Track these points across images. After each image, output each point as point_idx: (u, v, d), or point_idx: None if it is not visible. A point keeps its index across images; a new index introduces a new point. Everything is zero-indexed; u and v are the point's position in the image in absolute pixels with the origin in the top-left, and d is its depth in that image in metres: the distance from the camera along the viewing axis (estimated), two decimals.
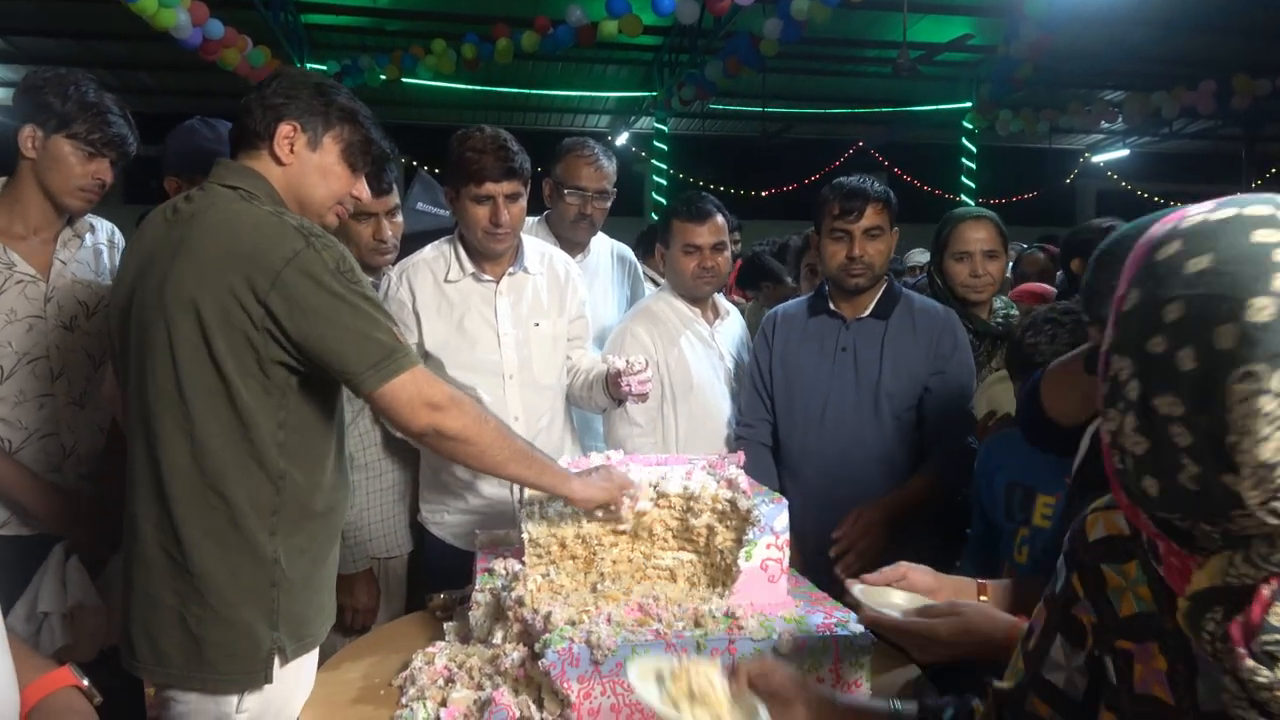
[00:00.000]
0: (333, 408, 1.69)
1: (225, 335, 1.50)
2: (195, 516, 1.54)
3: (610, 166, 2.84)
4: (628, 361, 2.21)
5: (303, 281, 1.49)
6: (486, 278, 2.36)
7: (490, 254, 2.33)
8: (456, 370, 2.30)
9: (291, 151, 1.64)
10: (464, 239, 2.37)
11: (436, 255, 2.38)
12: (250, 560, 1.56)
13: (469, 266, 2.35)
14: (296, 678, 1.66)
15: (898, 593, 1.52)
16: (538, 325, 2.39)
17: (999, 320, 2.75)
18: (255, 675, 1.57)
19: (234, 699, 1.57)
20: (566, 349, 2.46)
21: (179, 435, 1.54)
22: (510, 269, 2.38)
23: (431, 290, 2.34)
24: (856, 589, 1.50)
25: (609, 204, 2.86)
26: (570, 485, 1.71)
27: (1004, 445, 2.03)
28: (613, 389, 2.26)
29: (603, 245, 3.02)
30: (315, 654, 1.71)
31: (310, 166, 1.66)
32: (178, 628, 1.55)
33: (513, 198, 2.26)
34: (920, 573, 1.54)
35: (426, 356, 2.33)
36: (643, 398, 2.25)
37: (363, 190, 1.75)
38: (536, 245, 2.49)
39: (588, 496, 1.71)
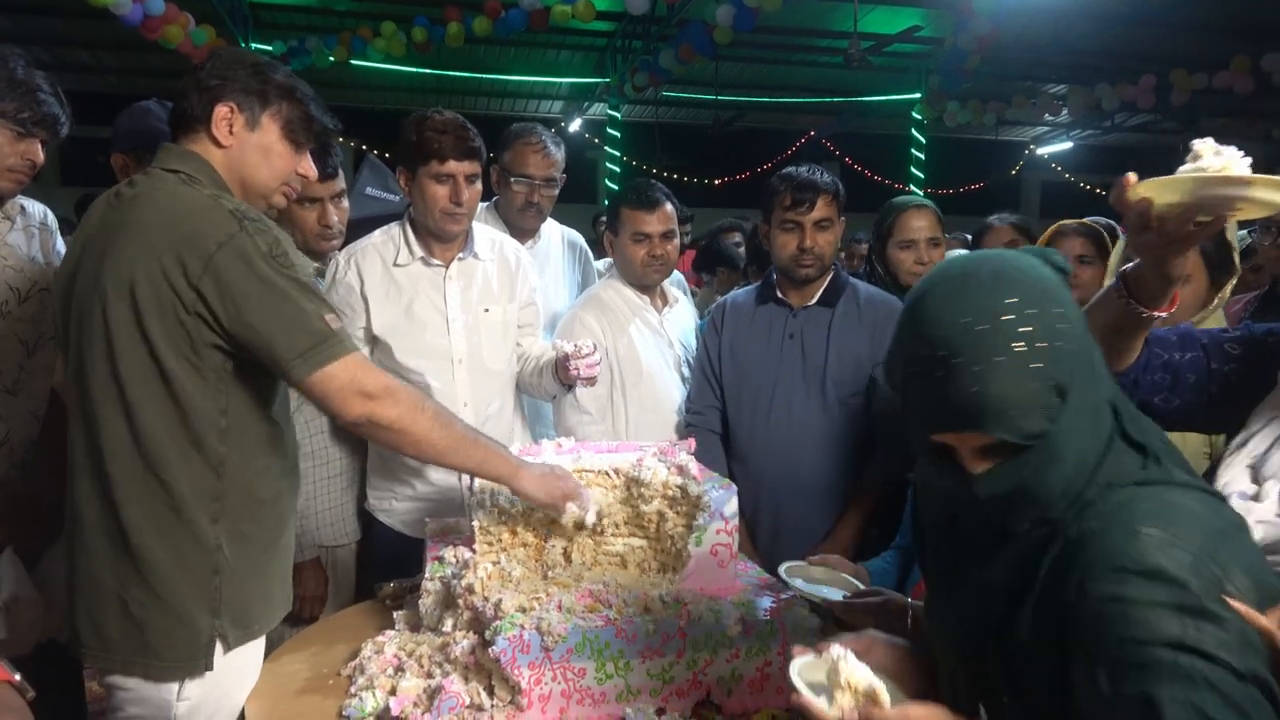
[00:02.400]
0: (273, 393, 1.67)
1: (159, 319, 1.49)
2: (136, 502, 1.53)
3: (559, 154, 2.82)
4: (575, 345, 2.21)
5: (234, 265, 1.47)
6: (436, 262, 2.34)
7: (445, 236, 2.31)
8: (405, 355, 2.29)
9: (231, 133, 1.62)
10: (414, 223, 2.35)
11: (385, 240, 2.36)
12: (192, 546, 1.55)
13: (418, 251, 2.33)
14: (241, 666, 1.64)
15: (816, 569, 1.74)
16: (487, 311, 2.38)
17: None
18: (195, 662, 1.56)
19: (174, 686, 1.57)
20: (517, 336, 2.46)
21: (117, 420, 1.53)
22: (460, 254, 2.36)
23: (380, 275, 2.31)
24: (795, 581, 1.71)
25: (557, 191, 2.84)
26: (518, 476, 1.70)
27: None
28: (561, 374, 2.25)
29: (553, 231, 3.01)
30: (261, 642, 1.70)
31: (250, 147, 1.64)
32: (120, 611, 1.55)
33: (471, 178, 2.26)
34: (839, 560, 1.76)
35: (375, 341, 2.31)
36: (591, 381, 2.25)
37: (309, 168, 1.73)
38: (487, 232, 2.48)
39: (531, 492, 1.71)
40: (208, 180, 1.59)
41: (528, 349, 2.48)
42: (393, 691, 1.56)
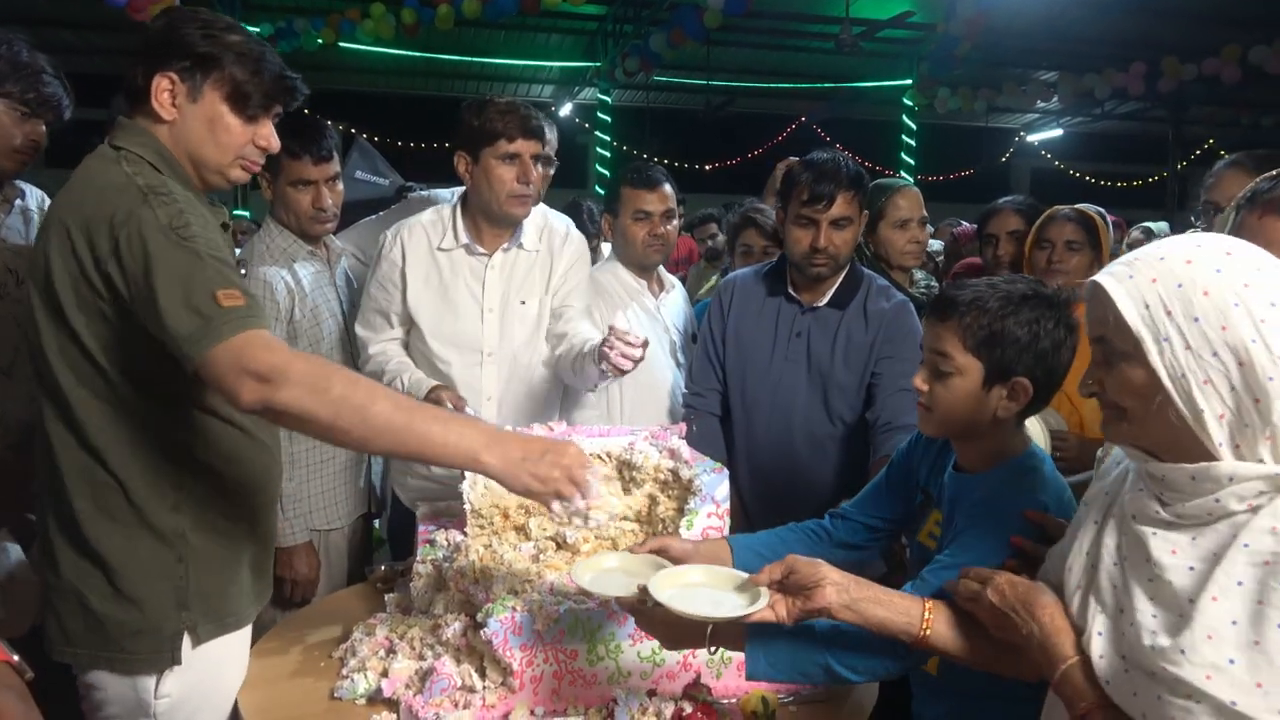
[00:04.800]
0: None
1: (78, 308, 1.42)
2: (85, 493, 1.47)
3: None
4: (626, 329, 2.05)
5: (134, 242, 1.36)
6: (480, 251, 2.30)
7: (510, 220, 2.28)
8: (435, 341, 2.27)
9: (173, 105, 1.51)
10: (469, 207, 2.32)
11: (435, 220, 2.33)
12: (150, 536, 1.49)
13: (464, 237, 2.30)
14: (222, 659, 1.59)
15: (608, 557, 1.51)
16: (523, 304, 2.34)
17: (921, 291, 2.85)
18: (162, 656, 1.50)
19: (151, 681, 1.50)
20: (551, 320, 2.38)
21: (58, 413, 1.47)
22: (506, 245, 2.32)
23: (424, 255, 2.29)
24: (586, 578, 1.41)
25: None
26: (483, 459, 1.36)
27: (932, 444, 1.69)
28: (597, 356, 2.09)
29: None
30: (245, 634, 1.65)
31: (194, 120, 1.52)
32: (79, 607, 1.49)
33: (535, 159, 2.24)
34: (678, 541, 1.55)
35: (410, 322, 2.29)
36: (617, 371, 2.05)
37: (269, 138, 1.59)
38: (538, 219, 2.40)
39: (503, 478, 1.37)
40: (153, 157, 1.50)
41: (572, 332, 2.31)
42: (384, 673, 1.57)
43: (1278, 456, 0.96)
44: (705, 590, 1.33)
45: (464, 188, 2.50)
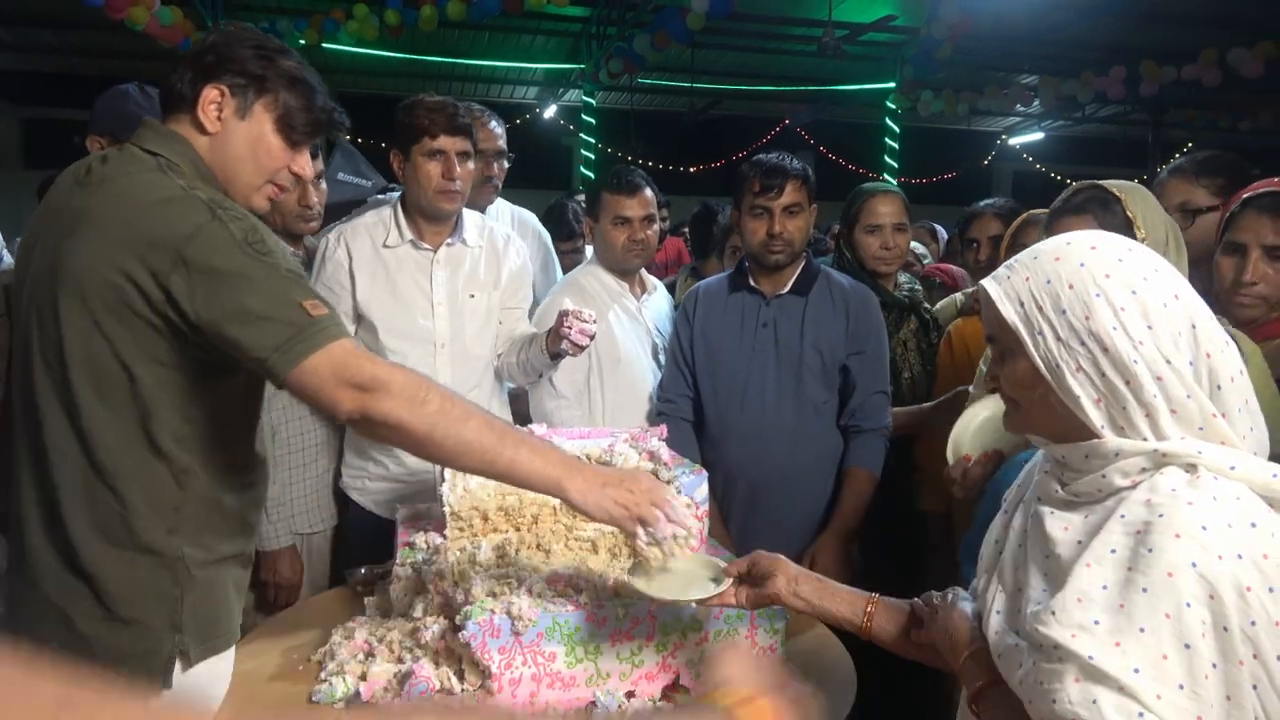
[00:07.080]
0: (252, 398, 1.58)
1: (119, 319, 1.37)
2: (83, 511, 1.43)
3: (500, 129, 2.87)
4: (579, 309, 2.21)
5: (205, 258, 1.34)
6: (425, 246, 2.37)
7: (440, 215, 2.34)
8: (388, 337, 2.32)
9: (219, 119, 1.49)
10: (407, 205, 2.38)
11: (376, 221, 2.39)
12: (148, 559, 1.45)
13: (408, 234, 2.36)
14: (209, 679, 1.56)
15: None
16: (473, 297, 2.40)
17: (904, 293, 2.87)
18: (153, 680, 1.45)
19: None
20: (501, 316, 2.47)
21: (64, 424, 1.42)
22: (449, 240, 2.39)
23: (369, 254, 2.34)
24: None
25: (507, 164, 2.89)
26: (567, 487, 1.40)
27: (1010, 470, 1.72)
28: (551, 340, 2.25)
29: (504, 211, 3.04)
30: (229, 655, 1.61)
31: (238, 136, 1.50)
32: (64, 627, 1.44)
33: (463, 156, 2.30)
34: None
35: (360, 320, 2.32)
36: (577, 349, 2.23)
37: (304, 166, 1.59)
38: (477, 218, 2.51)
39: (585, 507, 1.41)
40: (189, 166, 1.47)
41: (513, 329, 2.48)
42: (363, 677, 1.56)
43: (1158, 434, 1.02)
44: (679, 575, 1.44)
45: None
